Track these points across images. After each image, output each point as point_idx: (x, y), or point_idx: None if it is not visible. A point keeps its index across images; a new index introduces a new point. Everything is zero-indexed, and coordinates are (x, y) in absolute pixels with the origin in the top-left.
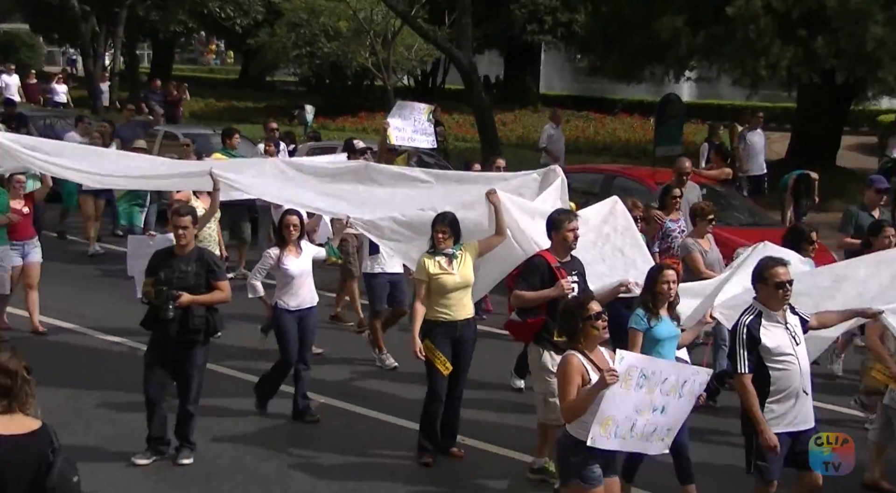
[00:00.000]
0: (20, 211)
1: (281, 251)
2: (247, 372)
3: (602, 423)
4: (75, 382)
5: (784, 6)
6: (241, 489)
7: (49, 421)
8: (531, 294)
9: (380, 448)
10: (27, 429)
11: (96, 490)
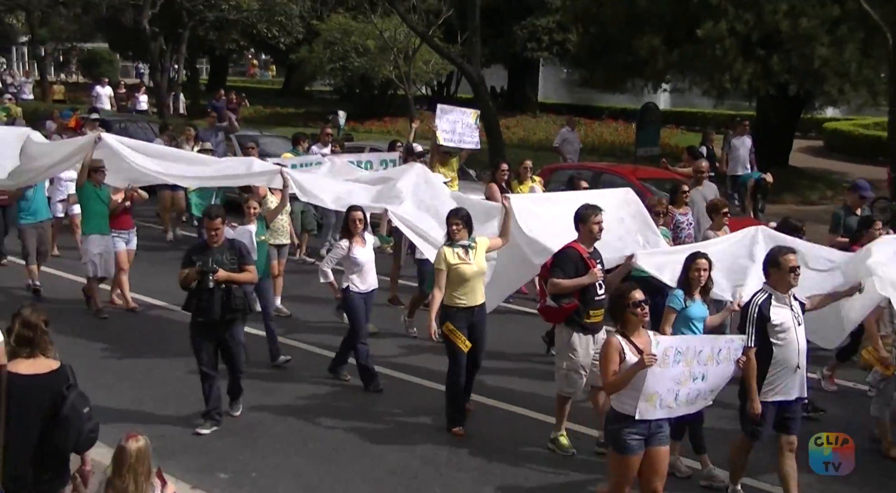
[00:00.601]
0: (118, 202)
1: (349, 243)
2: (315, 345)
3: (647, 399)
4: (164, 352)
5: (745, 29)
6: (315, 442)
7: (147, 385)
8: (567, 282)
9: (427, 413)
10: (47, 369)
11: (164, 435)
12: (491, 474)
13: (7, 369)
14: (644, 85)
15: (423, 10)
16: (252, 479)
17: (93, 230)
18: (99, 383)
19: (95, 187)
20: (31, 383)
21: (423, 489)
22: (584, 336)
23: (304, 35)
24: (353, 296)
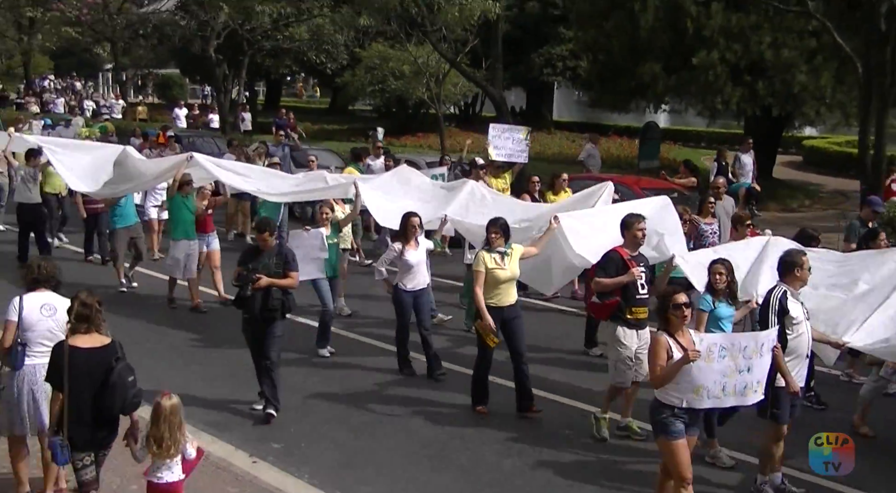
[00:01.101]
0: (203, 210)
1: (403, 245)
2: (373, 338)
3: (694, 390)
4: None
5: (734, 58)
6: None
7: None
8: (607, 280)
9: (458, 395)
10: (100, 343)
11: (226, 410)
12: (512, 448)
13: (69, 343)
14: (646, 106)
15: (452, 39)
16: (301, 448)
17: (181, 236)
18: (174, 364)
19: (184, 198)
20: (87, 356)
21: (451, 459)
22: (629, 330)
23: (348, 61)
24: (401, 293)
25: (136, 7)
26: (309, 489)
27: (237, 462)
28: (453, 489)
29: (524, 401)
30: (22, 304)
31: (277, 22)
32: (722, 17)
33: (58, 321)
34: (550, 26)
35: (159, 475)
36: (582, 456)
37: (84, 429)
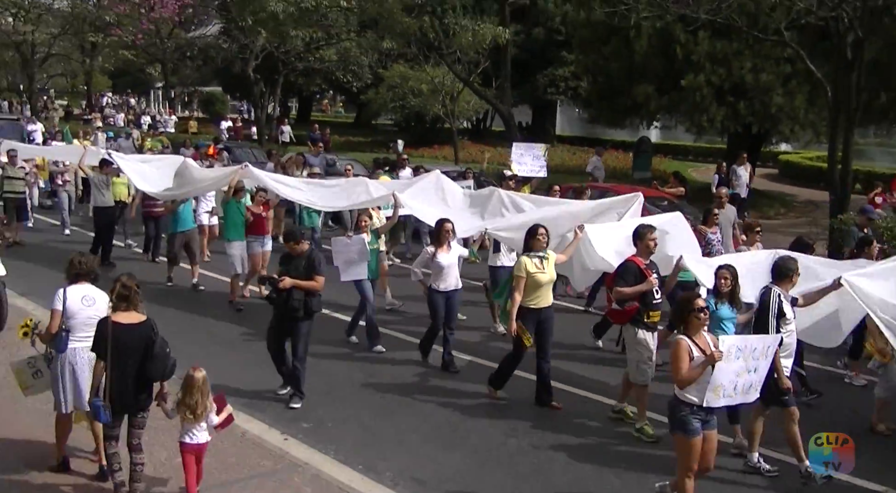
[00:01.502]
0: (259, 214)
1: (436, 249)
2: (398, 331)
3: (713, 390)
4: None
5: (719, 81)
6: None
7: (265, 360)
8: (628, 289)
9: (472, 383)
10: (138, 320)
11: (260, 393)
12: (517, 430)
13: (112, 320)
14: (639, 122)
15: (466, 61)
16: (328, 428)
17: (235, 237)
18: (213, 351)
19: (237, 203)
20: (127, 330)
21: (462, 439)
22: (648, 332)
23: (372, 80)
24: (434, 294)
25: (185, 32)
26: (335, 463)
27: (270, 439)
28: (463, 466)
29: (546, 396)
30: (66, 295)
31: (309, 45)
32: (708, 44)
33: (96, 310)
34: (554, 50)
35: (191, 437)
36: (581, 437)
37: (126, 393)
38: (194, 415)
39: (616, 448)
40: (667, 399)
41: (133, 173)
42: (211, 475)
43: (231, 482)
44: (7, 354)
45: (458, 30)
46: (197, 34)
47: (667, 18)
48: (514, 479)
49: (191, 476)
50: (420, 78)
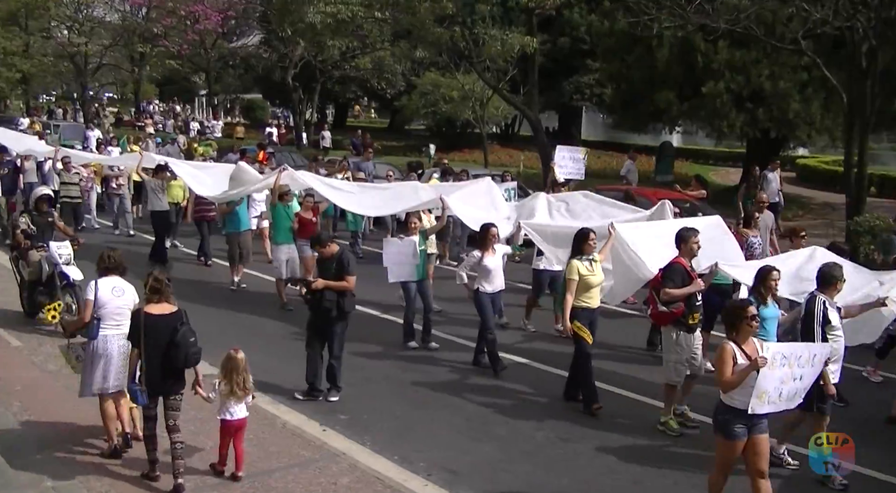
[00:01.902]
0: (308, 218)
1: (482, 252)
2: (454, 335)
3: (758, 396)
4: (349, 338)
5: (738, 88)
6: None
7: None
8: (678, 291)
9: (502, 378)
10: (168, 311)
11: (299, 386)
12: (545, 423)
13: (144, 311)
14: (661, 128)
15: (495, 69)
16: (364, 419)
17: (282, 240)
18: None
19: (284, 207)
20: (157, 320)
21: (491, 431)
22: (689, 334)
23: (405, 87)
24: (482, 296)
25: (227, 43)
26: (370, 454)
27: (309, 430)
28: (493, 457)
29: (574, 391)
30: (97, 287)
31: (345, 54)
32: (727, 52)
33: (125, 300)
34: (579, 59)
35: (231, 413)
36: (608, 430)
37: (156, 378)
38: (243, 391)
39: (642, 441)
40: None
41: (189, 178)
42: (253, 463)
43: (272, 470)
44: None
45: (487, 39)
46: (239, 44)
47: (688, 28)
48: (543, 470)
49: (224, 449)
50: (451, 85)
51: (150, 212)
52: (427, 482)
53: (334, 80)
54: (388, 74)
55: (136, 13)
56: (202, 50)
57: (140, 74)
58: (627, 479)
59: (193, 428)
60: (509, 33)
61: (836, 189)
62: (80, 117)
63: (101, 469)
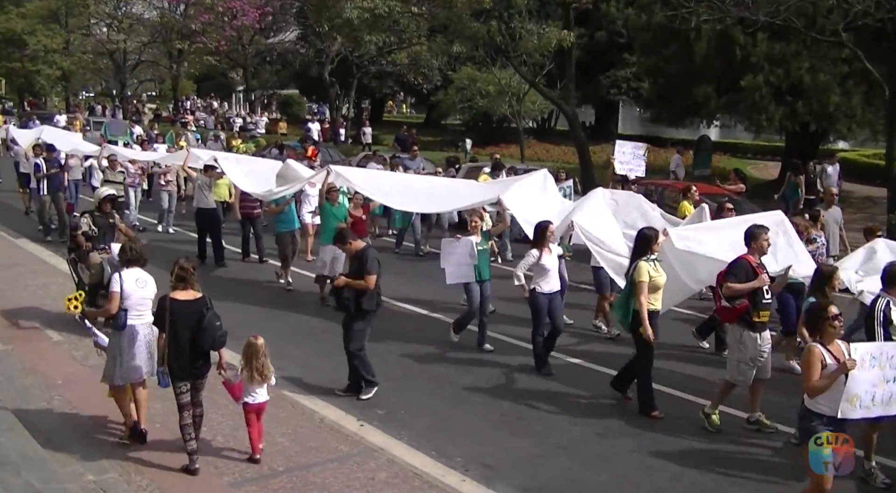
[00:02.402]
0: (359, 216)
1: (539, 251)
2: (507, 335)
3: (849, 400)
4: (393, 335)
5: (777, 81)
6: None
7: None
8: (740, 285)
9: (578, 388)
10: (194, 297)
11: (336, 381)
12: (581, 418)
13: (170, 297)
14: (699, 122)
15: (531, 63)
16: (401, 415)
17: (328, 241)
18: (296, 341)
19: (332, 206)
20: (183, 306)
21: (527, 426)
22: (753, 333)
23: (441, 82)
24: (538, 296)
25: (265, 38)
26: (408, 449)
27: (347, 425)
28: (529, 451)
29: (622, 385)
30: (122, 279)
31: (382, 49)
32: (766, 45)
33: (148, 291)
34: (616, 53)
35: (253, 397)
36: (646, 426)
37: (183, 361)
38: (262, 376)
39: (681, 438)
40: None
41: (236, 175)
42: (291, 458)
43: (311, 465)
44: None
45: (524, 34)
46: (276, 40)
47: (726, 21)
48: (580, 465)
49: (253, 431)
50: (487, 80)
51: (196, 209)
52: (465, 478)
53: (371, 76)
54: (425, 69)
55: (174, 10)
56: (239, 46)
57: (178, 71)
58: (666, 475)
59: (233, 423)
60: (546, 27)
61: (877, 183)
62: (120, 114)
63: (141, 462)
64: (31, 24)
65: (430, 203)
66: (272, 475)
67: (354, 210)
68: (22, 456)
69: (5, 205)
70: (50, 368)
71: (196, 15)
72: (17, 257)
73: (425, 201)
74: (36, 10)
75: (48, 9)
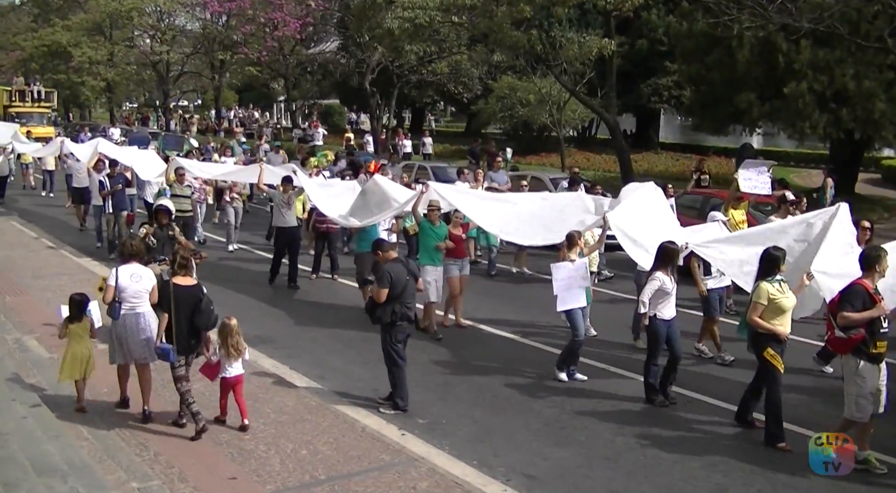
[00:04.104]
0: (458, 236)
1: (665, 274)
2: (543, 344)
3: None
4: (435, 344)
5: (821, 88)
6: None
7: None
8: (856, 315)
9: (620, 398)
10: (192, 283)
11: (378, 389)
12: (625, 428)
13: (173, 282)
14: (742, 129)
15: (572, 72)
16: (442, 424)
17: (427, 261)
18: (335, 349)
19: (432, 225)
20: (184, 290)
21: (571, 435)
22: (872, 365)
23: (481, 91)
24: (658, 324)
25: (305, 49)
26: (449, 458)
27: (388, 434)
28: (572, 462)
29: (747, 412)
30: (118, 273)
31: (422, 59)
32: (810, 52)
33: (143, 285)
34: (657, 60)
35: (229, 370)
36: (689, 436)
37: (182, 338)
38: (237, 352)
39: (725, 449)
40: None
41: (316, 194)
42: (333, 466)
43: (353, 474)
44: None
45: (564, 42)
46: (317, 50)
47: (769, 28)
48: (623, 475)
49: (225, 402)
50: (528, 88)
51: (275, 228)
52: (506, 487)
53: (411, 85)
54: (465, 78)
55: (216, 21)
56: (281, 56)
57: (220, 81)
58: (709, 486)
59: (274, 431)
60: (587, 36)
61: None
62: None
63: (187, 469)
64: (77, 37)
65: (534, 235)
66: (314, 483)
67: (454, 229)
68: (68, 463)
69: (60, 221)
70: (95, 376)
71: (238, 26)
72: (66, 266)
73: (530, 233)
74: (81, 23)
75: (93, 21)
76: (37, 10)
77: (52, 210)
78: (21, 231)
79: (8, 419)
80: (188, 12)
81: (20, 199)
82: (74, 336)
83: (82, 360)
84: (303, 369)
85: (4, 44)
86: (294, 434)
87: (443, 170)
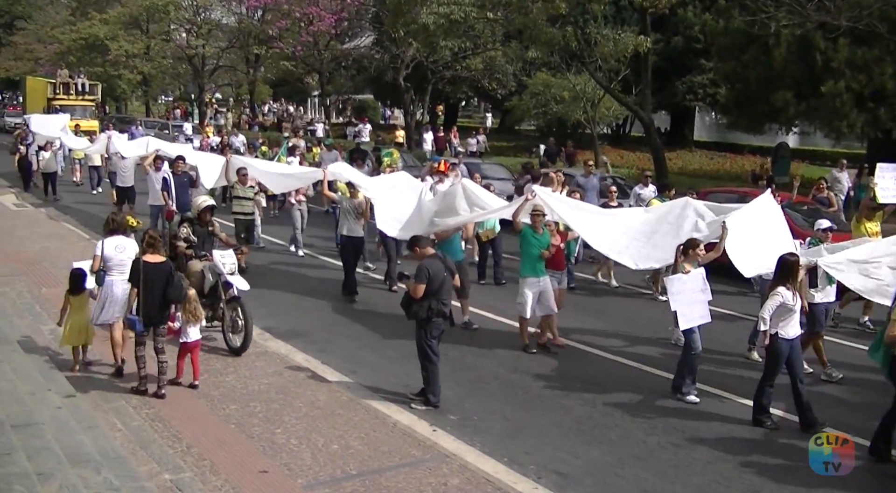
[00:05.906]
0: (557, 245)
1: (789, 289)
2: (575, 342)
3: None
4: (466, 341)
5: (859, 87)
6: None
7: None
8: None
9: (653, 398)
10: (161, 260)
11: (409, 385)
12: (657, 427)
13: (143, 259)
14: (778, 128)
15: (607, 69)
16: (474, 421)
17: (528, 273)
18: (370, 346)
19: (534, 233)
20: (153, 267)
21: (602, 435)
22: None
23: (515, 88)
24: (781, 343)
25: (340, 44)
26: (480, 455)
27: (420, 430)
28: (602, 460)
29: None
30: (103, 245)
31: (457, 55)
32: (848, 50)
33: (126, 255)
34: (693, 58)
35: (187, 336)
36: (723, 437)
37: (152, 310)
38: (194, 318)
39: (759, 451)
40: None
41: (379, 199)
42: (364, 461)
43: (384, 469)
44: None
45: (599, 39)
46: (351, 45)
47: (807, 26)
48: (654, 475)
49: (181, 364)
50: (562, 85)
51: (343, 237)
52: (537, 485)
53: (445, 81)
54: (499, 75)
55: (252, 16)
56: (315, 51)
57: (255, 76)
58: (742, 488)
59: (306, 426)
60: (622, 33)
61: None
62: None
63: (218, 462)
64: (114, 30)
65: (647, 257)
66: (345, 478)
67: (553, 238)
68: (102, 454)
69: (99, 218)
70: (130, 367)
71: (273, 20)
72: None
73: (642, 254)
74: (118, 17)
75: (130, 15)
76: (75, 3)
77: (95, 207)
78: (57, 224)
79: (43, 409)
80: (224, 7)
81: (65, 196)
82: (74, 307)
83: (81, 329)
84: (335, 364)
85: (42, 37)
86: (325, 429)
87: (589, 181)
